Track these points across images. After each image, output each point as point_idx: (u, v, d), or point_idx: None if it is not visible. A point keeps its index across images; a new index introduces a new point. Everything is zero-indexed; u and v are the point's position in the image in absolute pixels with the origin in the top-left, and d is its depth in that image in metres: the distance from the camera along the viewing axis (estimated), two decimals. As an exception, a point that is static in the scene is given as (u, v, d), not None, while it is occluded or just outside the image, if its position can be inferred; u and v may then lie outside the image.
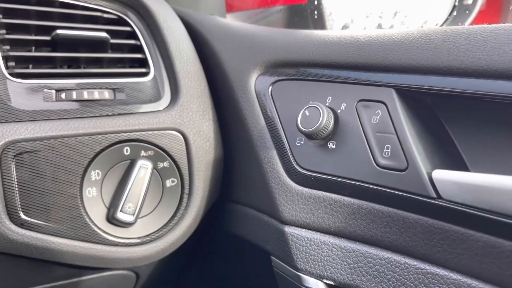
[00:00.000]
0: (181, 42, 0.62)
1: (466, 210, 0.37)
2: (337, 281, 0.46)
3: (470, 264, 0.38)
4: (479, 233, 0.37)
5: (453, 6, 0.89)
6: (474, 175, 0.36)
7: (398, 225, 0.42)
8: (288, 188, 0.50)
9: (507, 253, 0.35)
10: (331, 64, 0.50)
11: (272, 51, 0.55)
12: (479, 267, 0.37)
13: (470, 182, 0.36)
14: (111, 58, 0.61)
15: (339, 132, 0.46)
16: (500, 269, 0.35)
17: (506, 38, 0.39)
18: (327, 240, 0.47)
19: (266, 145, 0.52)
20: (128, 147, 0.56)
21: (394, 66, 0.44)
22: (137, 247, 0.57)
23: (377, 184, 0.43)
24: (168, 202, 0.58)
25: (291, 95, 0.52)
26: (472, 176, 0.36)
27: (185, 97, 0.60)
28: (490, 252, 0.36)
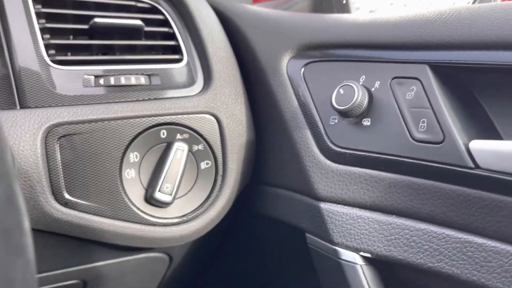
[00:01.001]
0: (213, 28, 0.64)
1: (504, 178, 0.38)
2: (373, 253, 0.47)
3: (509, 231, 0.38)
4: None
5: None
6: (509, 142, 0.37)
7: (435, 197, 0.43)
8: (323, 166, 0.51)
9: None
10: (363, 45, 0.51)
11: (303, 34, 0.56)
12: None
13: (508, 150, 0.37)
14: (145, 46, 0.63)
15: (373, 109, 0.48)
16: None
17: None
18: (363, 215, 0.48)
19: (300, 126, 0.54)
20: (164, 130, 0.58)
21: (427, 43, 0.45)
22: (174, 227, 0.58)
23: (413, 157, 0.44)
24: (202, 183, 0.60)
25: (324, 76, 0.53)
26: (510, 144, 0.37)
27: (217, 81, 0.62)
28: None
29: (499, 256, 0.39)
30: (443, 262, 0.43)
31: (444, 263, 0.43)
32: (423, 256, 0.44)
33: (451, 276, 0.42)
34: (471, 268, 0.41)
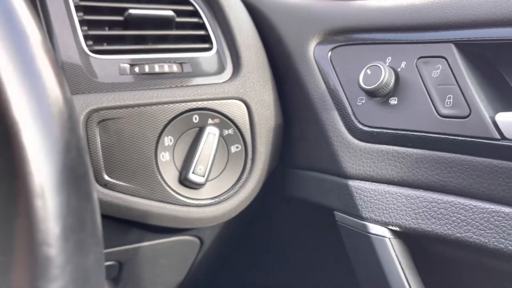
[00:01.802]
0: (241, 18, 0.67)
1: (531, 147, 0.39)
2: (402, 227, 0.49)
3: None
4: (544, 168, 0.39)
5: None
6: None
7: (462, 169, 0.45)
8: (351, 145, 0.53)
9: None
10: (388, 28, 0.52)
11: (329, 20, 0.58)
12: (545, 202, 0.39)
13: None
14: (176, 35, 0.66)
15: (400, 88, 0.49)
16: None
17: None
18: (391, 190, 0.50)
19: (327, 108, 0.56)
20: (196, 115, 0.61)
21: (452, 23, 0.47)
22: (207, 207, 0.61)
23: (440, 132, 0.46)
24: (233, 166, 0.63)
25: (350, 59, 0.55)
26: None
27: (246, 68, 0.64)
28: None
29: (526, 223, 0.40)
30: (471, 232, 0.44)
31: (471, 233, 0.44)
32: (451, 227, 0.45)
33: (478, 245, 0.43)
34: (498, 237, 0.42)
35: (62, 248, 0.22)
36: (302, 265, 0.76)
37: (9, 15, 0.24)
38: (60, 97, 0.24)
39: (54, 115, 0.23)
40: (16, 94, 0.22)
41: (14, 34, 0.23)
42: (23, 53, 0.23)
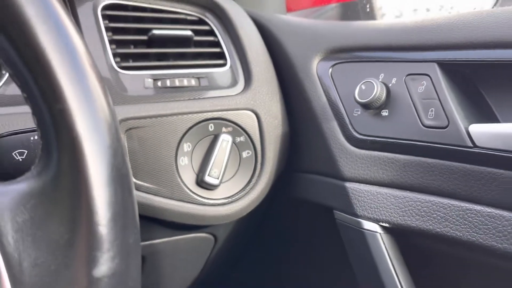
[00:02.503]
0: (252, 36, 0.74)
1: (497, 154, 0.45)
2: (391, 223, 0.55)
3: (501, 198, 0.45)
4: (507, 171, 0.45)
5: (496, -2, 0.94)
6: (503, 125, 0.44)
7: (441, 173, 0.51)
8: (348, 151, 0.60)
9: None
10: (383, 47, 0.59)
11: (331, 39, 0.65)
12: (508, 200, 0.45)
13: (500, 131, 0.44)
14: (194, 53, 0.74)
15: (390, 101, 0.56)
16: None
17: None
18: (381, 191, 0.56)
19: (328, 118, 0.63)
20: (212, 124, 0.68)
21: (437, 44, 0.53)
22: (221, 207, 0.68)
23: (423, 141, 0.52)
24: (244, 170, 0.70)
25: (348, 75, 0.62)
26: (502, 125, 0.44)
27: (256, 82, 0.71)
28: None
29: (493, 219, 0.46)
30: (448, 227, 0.50)
31: (449, 228, 0.50)
32: (432, 223, 0.51)
33: (455, 238, 0.50)
34: (471, 231, 0.48)
35: (111, 228, 0.29)
36: (304, 259, 0.82)
37: (68, 42, 0.31)
38: (109, 113, 0.31)
39: (106, 128, 0.30)
40: (79, 112, 0.29)
41: (73, 61, 0.30)
42: (82, 77, 0.30)
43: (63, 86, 0.28)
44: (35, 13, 0.28)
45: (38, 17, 0.28)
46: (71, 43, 0.30)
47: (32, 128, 0.44)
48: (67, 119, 0.28)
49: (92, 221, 0.28)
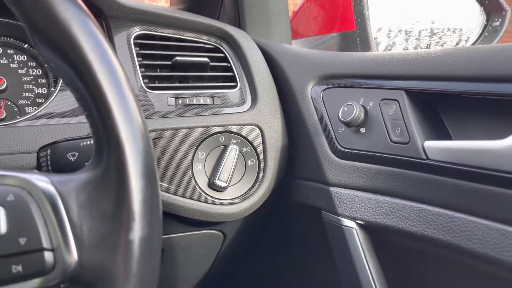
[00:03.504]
0: (259, 63, 0.87)
1: (444, 165, 0.56)
2: (364, 220, 0.66)
3: (447, 200, 0.56)
4: (451, 179, 0.56)
5: (483, 26, 1.05)
6: (449, 142, 0.56)
7: (404, 180, 0.62)
8: (333, 161, 0.72)
9: (471, 190, 0.54)
10: (364, 76, 0.71)
11: (323, 68, 0.78)
12: (453, 202, 0.56)
13: (447, 147, 0.55)
14: (210, 76, 0.87)
15: (368, 121, 0.67)
16: (466, 201, 0.54)
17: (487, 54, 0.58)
18: (358, 194, 0.68)
19: (318, 133, 0.75)
20: (223, 136, 0.80)
21: (405, 75, 0.65)
22: (228, 206, 0.80)
23: (391, 153, 0.63)
24: (249, 175, 0.82)
25: (336, 98, 0.74)
26: (448, 142, 0.56)
27: (261, 102, 0.84)
28: (460, 191, 0.55)
29: (441, 217, 0.57)
30: (408, 224, 0.61)
31: (408, 225, 0.61)
32: (395, 221, 0.62)
33: (412, 233, 0.61)
34: (425, 227, 0.59)
35: (143, 207, 0.42)
36: (299, 255, 0.94)
37: (116, 73, 0.44)
38: (143, 126, 0.44)
39: (140, 137, 0.43)
40: (123, 126, 0.42)
41: (119, 88, 0.43)
42: (124, 99, 0.43)
43: (112, 107, 0.42)
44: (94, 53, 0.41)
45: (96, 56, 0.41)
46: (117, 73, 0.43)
47: (81, 136, 0.58)
48: (115, 130, 0.41)
49: (130, 201, 0.41)
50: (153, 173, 0.44)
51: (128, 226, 0.42)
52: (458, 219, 0.55)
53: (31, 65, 0.85)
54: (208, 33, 0.89)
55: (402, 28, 1.02)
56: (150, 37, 0.86)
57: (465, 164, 0.53)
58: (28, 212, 0.40)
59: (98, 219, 0.42)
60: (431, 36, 1.05)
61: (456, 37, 1.05)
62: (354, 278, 0.67)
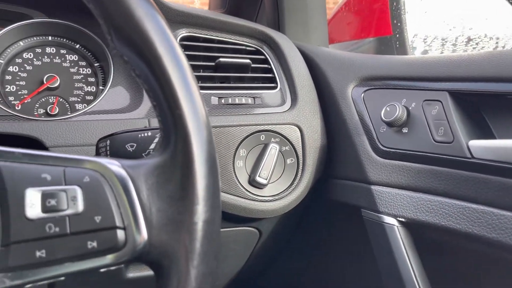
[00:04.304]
0: (299, 65, 0.89)
1: (489, 164, 0.57)
2: (406, 217, 0.68)
3: (492, 199, 0.57)
4: (496, 177, 0.57)
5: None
6: (494, 141, 0.57)
7: (447, 178, 0.63)
8: (374, 160, 0.74)
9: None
10: (406, 78, 0.73)
11: (364, 70, 0.80)
12: (499, 200, 0.57)
13: (492, 145, 0.57)
14: (251, 77, 0.90)
15: (410, 121, 0.69)
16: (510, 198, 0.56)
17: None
18: (400, 192, 0.69)
19: (359, 133, 0.76)
20: (263, 135, 0.83)
21: (448, 77, 0.66)
22: (268, 203, 0.82)
23: (434, 152, 0.65)
24: (288, 174, 0.84)
25: (377, 99, 0.76)
26: (493, 141, 0.57)
27: (301, 102, 0.86)
28: (506, 189, 0.56)
29: (486, 215, 0.58)
30: (451, 221, 0.62)
31: (451, 222, 0.62)
32: (438, 218, 0.64)
33: (455, 230, 0.62)
34: (469, 224, 0.60)
35: (206, 192, 0.44)
36: (335, 253, 0.95)
37: (184, 67, 0.47)
38: (206, 117, 0.46)
39: (205, 127, 0.46)
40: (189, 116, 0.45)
41: (186, 81, 0.46)
42: (191, 92, 0.46)
43: (180, 98, 0.44)
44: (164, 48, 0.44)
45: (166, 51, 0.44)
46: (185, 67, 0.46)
47: (138, 128, 0.61)
48: (182, 120, 0.44)
49: (195, 186, 0.44)
50: (215, 162, 0.47)
51: (193, 209, 0.44)
52: (504, 217, 0.56)
53: (82, 64, 0.89)
54: (250, 35, 0.92)
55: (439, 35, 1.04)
56: (195, 39, 0.90)
57: (511, 162, 0.54)
58: (102, 192, 0.43)
59: (166, 201, 0.44)
60: (468, 42, 1.06)
61: (492, 44, 1.06)
62: (396, 275, 0.68)
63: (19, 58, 0.85)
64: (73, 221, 0.42)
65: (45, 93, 0.85)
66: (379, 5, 1.00)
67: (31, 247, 0.41)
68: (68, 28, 0.86)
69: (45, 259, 0.41)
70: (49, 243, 0.41)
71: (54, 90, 0.85)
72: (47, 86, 0.84)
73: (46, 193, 0.42)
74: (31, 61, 0.86)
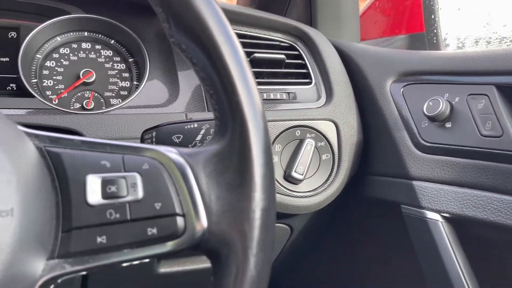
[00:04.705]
0: (334, 60, 0.89)
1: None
2: (451, 213, 0.67)
3: None
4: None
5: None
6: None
7: (495, 173, 0.62)
8: (416, 156, 0.73)
9: None
10: (448, 72, 0.72)
11: (403, 65, 0.79)
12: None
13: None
14: (284, 72, 0.90)
15: (453, 116, 0.68)
16: None
17: None
18: (444, 188, 0.68)
19: (399, 128, 0.76)
20: (299, 130, 0.82)
21: (494, 71, 0.65)
22: (303, 198, 0.82)
23: (481, 147, 0.64)
24: (323, 170, 0.83)
25: (417, 94, 0.75)
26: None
27: (336, 98, 0.85)
28: None
29: (539, 210, 0.57)
30: (500, 217, 0.61)
31: (501, 217, 0.61)
32: (486, 214, 0.63)
33: (504, 225, 0.60)
34: (519, 220, 0.59)
35: (264, 180, 0.44)
36: (370, 250, 0.94)
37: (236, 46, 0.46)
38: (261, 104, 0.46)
39: (261, 115, 0.45)
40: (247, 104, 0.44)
41: (243, 69, 0.45)
42: (248, 80, 0.45)
43: (238, 86, 0.44)
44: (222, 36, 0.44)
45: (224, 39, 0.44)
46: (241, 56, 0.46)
47: (183, 120, 0.61)
48: (240, 108, 0.44)
49: (253, 174, 0.43)
50: (271, 151, 0.46)
51: (252, 197, 0.44)
52: (558, 212, 0.55)
53: (116, 60, 0.90)
54: (283, 31, 0.92)
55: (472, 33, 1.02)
56: (228, 34, 0.90)
57: None
58: (161, 180, 0.43)
59: (225, 188, 0.44)
60: (502, 40, 1.04)
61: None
62: (442, 273, 0.67)
63: (56, 53, 0.86)
64: (133, 208, 0.41)
65: (81, 88, 0.85)
66: (412, 1, 0.99)
67: (92, 233, 0.40)
68: (104, 23, 0.87)
69: (105, 245, 0.41)
70: (110, 229, 0.41)
71: (90, 85, 0.86)
72: (83, 81, 0.85)
73: (106, 179, 0.42)
74: (68, 56, 0.86)
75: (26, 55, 0.81)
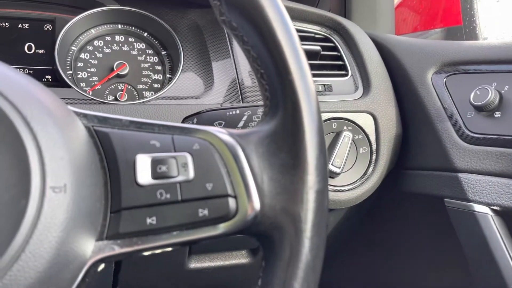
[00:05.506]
0: (371, 52, 0.87)
1: None
2: (502, 206, 0.64)
3: None
4: None
5: None
6: None
7: (551, 163, 0.59)
8: (461, 147, 0.70)
9: None
10: (495, 61, 0.69)
11: (444, 55, 0.76)
12: None
13: None
14: (320, 64, 0.88)
15: (503, 105, 0.65)
16: None
17: None
18: (493, 180, 0.66)
19: (442, 119, 0.73)
20: (335, 123, 0.80)
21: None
22: (341, 192, 0.79)
23: (535, 136, 0.61)
24: (360, 163, 0.81)
25: (462, 84, 0.72)
26: None
27: (374, 90, 0.83)
28: None
29: None
30: (557, 209, 0.58)
31: (557, 210, 0.58)
32: (542, 206, 0.60)
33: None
34: None
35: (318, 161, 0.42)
36: (411, 245, 0.91)
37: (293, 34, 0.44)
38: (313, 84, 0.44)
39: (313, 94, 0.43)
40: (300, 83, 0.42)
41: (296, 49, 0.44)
42: (300, 59, 0.43)
43: (291, 64, 0.43)
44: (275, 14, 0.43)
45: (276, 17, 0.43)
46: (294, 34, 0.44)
47: (227, 107, 0.60)
48: (293, 86, 0.42)
49: (307, 155, 0.42)
50: (323, 131, 0.45)
51: (307, 178, 0.42)
52: None
53: (149, 53, 0.89)
54: (318, 23, 0.90)
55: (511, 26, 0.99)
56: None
57: None
58: (212, 160, 0.41)
59: (278, 170, 0.42)
60: (542, 33, 1.01)
61: None
62: (493, 268, 0.64)
63: (90, 46, 0.86)
64: (184, 188, 0.40)
65: (114, 80, 0.85)
66: (449, -8, 0.97)
67: (142, 213, 0.39)
68: (138, 15, 0.87)
69: (155, 226, 0.39)
70: (160, 210, 0.39)
71: (123, 77, 0.85)
72: (116, 73, 0.84)
73: (156, 159, 0.40)
74: (102, 48, 0.86)
75: (62, 47, 0.81)
